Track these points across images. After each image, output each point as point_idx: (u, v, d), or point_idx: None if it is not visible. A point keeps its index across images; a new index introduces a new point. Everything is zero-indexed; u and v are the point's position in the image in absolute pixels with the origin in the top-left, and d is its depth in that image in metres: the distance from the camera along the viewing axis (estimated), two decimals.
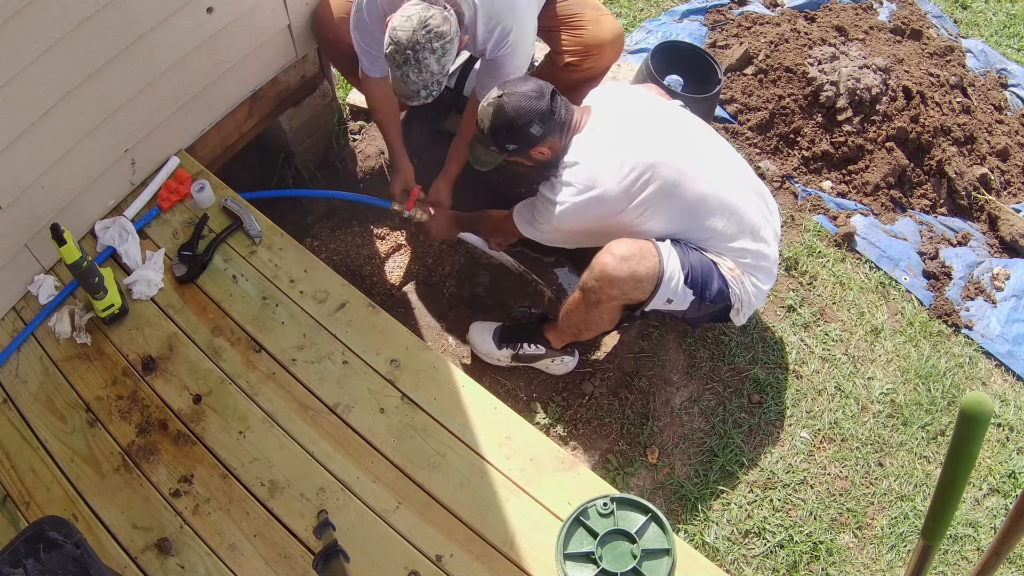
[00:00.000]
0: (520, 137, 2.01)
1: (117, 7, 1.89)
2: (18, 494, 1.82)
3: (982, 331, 2.58)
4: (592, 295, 2.04)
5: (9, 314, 2.09)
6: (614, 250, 1.99)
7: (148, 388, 1.97)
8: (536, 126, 1.99)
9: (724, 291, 2.07)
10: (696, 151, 2.09)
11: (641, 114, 2.14)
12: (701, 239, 2.08)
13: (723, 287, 2.06)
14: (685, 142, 2.10)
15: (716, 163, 2.11)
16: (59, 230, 1.84)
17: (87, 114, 2.00)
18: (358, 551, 1.71)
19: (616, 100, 2.18)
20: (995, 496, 2.24)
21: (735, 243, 2.08)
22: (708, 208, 2.03)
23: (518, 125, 1.98)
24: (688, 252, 2.05)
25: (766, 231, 2.13)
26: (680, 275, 2.00)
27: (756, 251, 2.09)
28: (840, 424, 2.33)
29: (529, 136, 2.00)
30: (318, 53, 2.61)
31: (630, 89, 2.31)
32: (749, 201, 2.11)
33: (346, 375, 1.98)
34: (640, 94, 2.25)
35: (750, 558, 2.10)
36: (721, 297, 2.07)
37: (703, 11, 3.47)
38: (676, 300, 2.03)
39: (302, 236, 2.68)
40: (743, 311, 2.15)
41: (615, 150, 2.01)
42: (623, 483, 2.19)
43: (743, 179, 2.16)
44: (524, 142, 2.02)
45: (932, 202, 2.95)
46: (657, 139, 2.06)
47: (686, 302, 2.04)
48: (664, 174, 1.99)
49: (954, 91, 3.14)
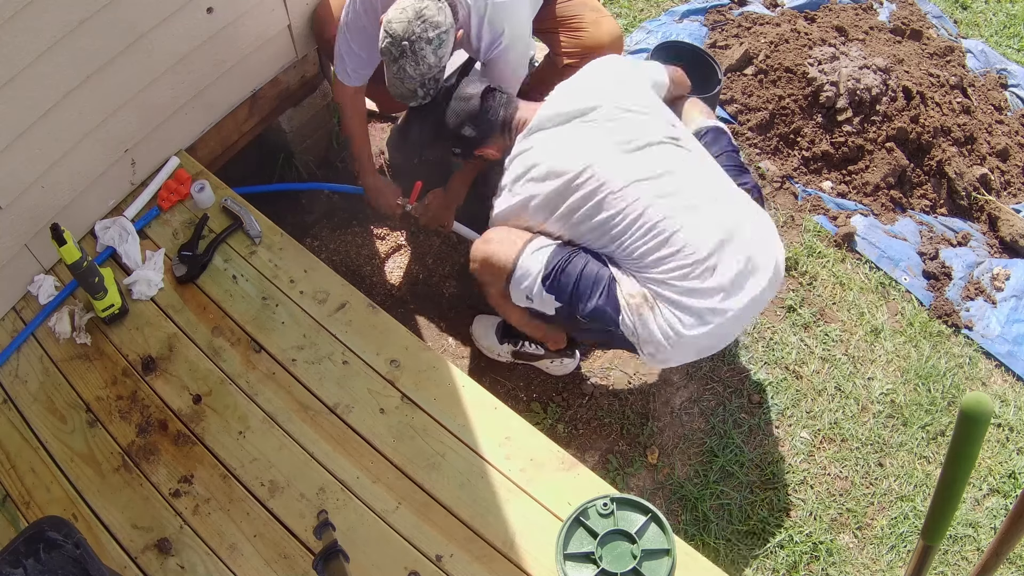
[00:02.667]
0: (458, 139, 2.05)
1: (117, 7, 1.89)
2: (18, 494, 1.82)
3: (982, 331, 2.58)
4: (475, 277, 2.07)
5: (9, 314, 2.09)
6: (486, 234, 2.03)
7: (148, 388, 1.97)
8: (468, 128, 2.03)
9: (608, 314, 1.88)
10: (643, 167, 1.88)
11: (592, 117, 1.94)
12: (611, 254, 1.92)
13: (607, 309, 1.87)
14: (627, 156, 1.89)
15: (678, 187, 1.88)
16: (59, 230, 1.84)
17: (87, 114, 2.00)
18: (358, 551, 1.71)
19: (574, 97, 1.99)
20: (995, 496, 2.24)
21: (655, 271, 1.86)
22: (626, 227, 1.86)
23: (450, 127, 2.04)
24: (576, 258, 1.90)
25: (723, 273, 1.86)
26: (538, 275, 1.90)
27: (689, 288, 1.84)
28: (840, 424, 2.33)
29: (465, 139, 2.04)
30: (318, 53, 2.61)
31: (608, 82, 2.04)
32: (704, 236, 1.85)
33: (346, 375, 1.98)
34: (614, 93, 2.00)
35: (750, 558, 2.10)
36: (601, 317, 1.88)
37: (703, 11, 3.47)
38: (536, 301, 1.95)
39: (302, 236, 2.68)
40: (645, 349, 1.91)
41: (541, 156, 1.93)
42: (623, 483, 2.19)
43: (714, 214, 1.89)
44: (464, 144, 2.07)
45: (932, 202, 2.95)
46: (590, 148, 1.90)
47: (549, 307, 1.94)
48: (587, 189, 1.87)
49: (954, 91, 3.14)
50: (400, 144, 2.80)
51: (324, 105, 2.75)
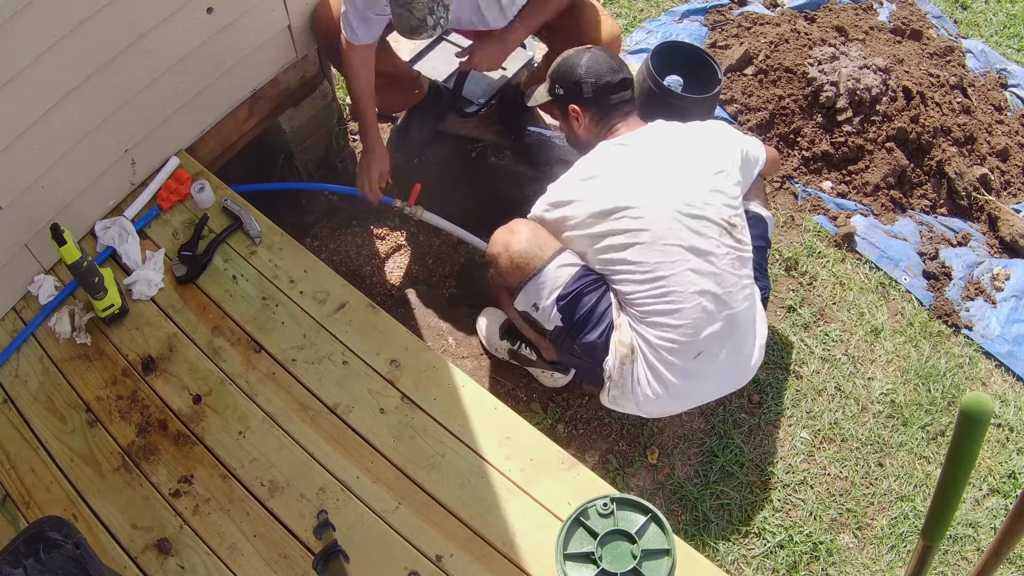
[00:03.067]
0: (570, 88, 2.09)
1: (117, 7, 1.89)
2: (18, 494, 1.81)
3: (982, 331, 2.58)
4: (491, 259, 2.03)
5: (9, 314, 2.09)
6: (514, 224, 2.01)
7: (148, 388, 1.97)
8: (588, 89, 2.06)
9: (599, 352, 1.92)
10: (688, 235, 1.88)
11: (676, 164, 1.97)
12: (618, 291, 1.94)
13: (601, 348, 1.92)
14: (681, 217, 1.89)
15: (708, 270, 1.89)
16: (59, 230, 1.84)
17: (87, 114, 2.00)
18: (358, 551, 1.71)
19: (661, 137, 2.04)
20: (995, 496, 2.24)
21: (651, 331, 1.89)
22: (646, 280, 1.88)
23: (577, 75, 2.07)
24: (595, 290, 1.92)
25: (704, 364, 1.91)
26: (556, 288, 1.90)
27: (672, 361, 1.89)
28: (840, 424, 2.33)
29: (576, 92, 2.08)
30: (318, 53, 2.61)
31: (696, 133, 2.07)
32: (706, 324, 1.88)
33: (346, 375, 1.98)
34: (701, 145, 2.03)
35: (750, 558, 2.10)
36: (593, 352, 1.93)
37: (703, 11, 3.47)
38: (542, 315, 1.95)
39: (302, 236, 2.68)
40: (612, 391, 1.96)
41: (610, 172, 1.97)
42: (623, 483, 2.19)
43: (726, 308, 1.91)
44: (570, 95, 2.10)
45: (932, 202, 2.95)
46: (653, 191, 1.91)
47: (551, 323, 1.95)
48: (628, 226, 1.88)
49: (954, 91, 3.14)
50: (400, 144, 2.80)
51: (324, 105, 2.75)
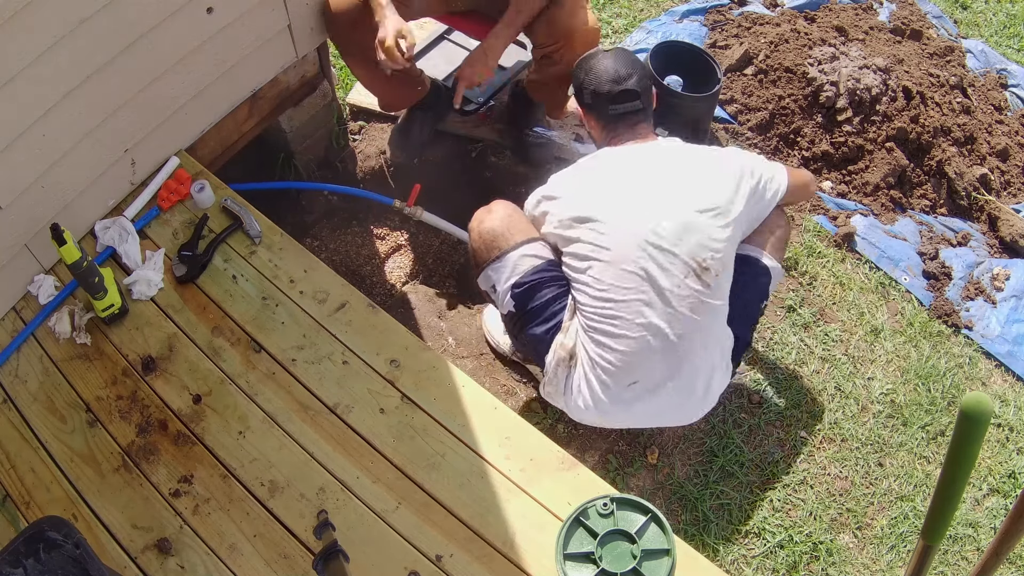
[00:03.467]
0: (577, 90, 2.14)
1: (117, 7, 1.89)
2: (18, 494, 1.81)
3: (982, 331, 2.58)
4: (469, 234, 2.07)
5: (9, 314, 2.09)
6: (495, 204, 2.05)
7: (148, 388, 1.97)
8: (588, 96, 2.07)
9: (542, 347, 1.94)
10: (649, 266, 1.84)
11: (661, 191, 1.92)
12: (578, 303, 1.92)
13: (544, 344, 1.94)
14: (646, 247, 1.85)
15: (660, 307, 1.85)
16: (59, 230, 1.84)
17: (87, 114, 2.00)
18: (358, 551, 1.71)
19: (661, 157, 2.00)
20: (995, 496, 2.24)
21: (591, 346, 1.88)
22: (596, 296, 1.87)
23: (580, 79, 2.11)
24: (551, 286, 1.93)
25: (638, 398, 1.89)
26: (514, 276, 1.93)
27: (606, 381, 1.88)
28: (840, 424, 2.33)
29: (580, 96, 2.12)
30: (318, 53, 2.61)
31: (698, 156, 2.02)
32: (645, 361, 1.85)
33: (346, 375, 1.98)
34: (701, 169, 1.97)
35: (750, 558, 2.10)
36: (536, 346, 1.96)
37: (703, 11, 3.47)
38: (499, 298, 1.98)
39: (302, 236, 2.68)
40: (547, 387, 1.99)
41: (598, 180, 1.96)
42: (623, 483, 2.19)
43: (674, 354, 1.87)
44: (577, 97, 2.14)
45: (932, 202, 2.95)
46: (629, 213, 1.88)
47: (504, 308, 1.98)
48: (593, 240, 1.87)
49: (954, 91, 3.14)
50: (400, 143, 2.80)
51: (324, 105, 2.75)
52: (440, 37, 3.09)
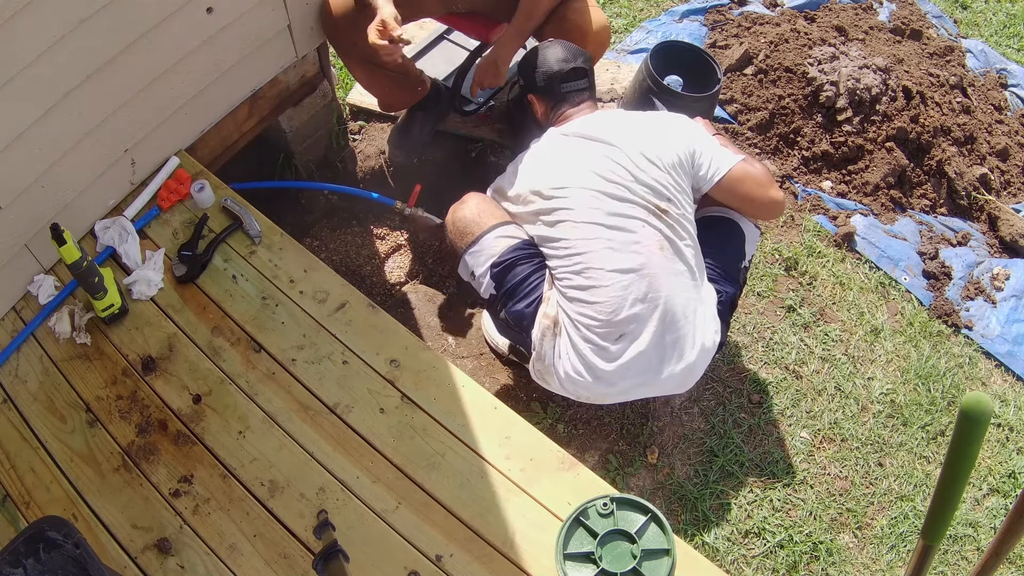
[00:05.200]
0: (527, 79, 2.24)
1: (117, 7, 1.88)
2: (18, 494, 1.81)
3: (982, 331, 2.58)
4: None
5: (9, 314, 2.09)
6: (467, 196, 2.14)
7: (148, 388, 1.97)
8: (541, 78, 2.19)
9: (526, 322, 1.97)
10: (610, 216, 1.92)
11: (607, 152, 2.00)
12: (551, 270, 1.98)
13: (528, 319, 1.97)
14: (605, 199, 1.94)
15: (631, 249, 1.90)
16: (59, 230, 1.84)
17: (87, 114, 2.00)
18: (358, 551, 1.71)
19: (605, 122, 2.08)
20: (995, 496, 2.24)
21: (571, 307, 1.93)
22: (566, 256, 1.94)
23: (531, 66, 2.22)
24: (527, 262, 1.99)
25: (631, 347, 1.90)
26: (492, 257, 2.00)
27: (590, 338, 1.90)
28: (840, 424, 2.33)
29: (531, 82, 2.22)
30: (318, 53, 2.61)
31: (638, 120, 2.11)
32: (627, 303, 1.88)
33: (346, 375, 1.98)
34: (638, 131, 2.05)
35: (750, 558, 2.10)
36: (520, 322, 1.99)
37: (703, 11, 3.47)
38: (479, 284, 2.05)
39: (302, 236, 2.68)
40: (536, 365, 2.00)
41: (548, 156, 2.08)
42: (623, 483, 2.19)
43: (653, 286, 1.90)
44: (527, 86, 2.24)
45: (932, 202, 2.95)
46: (581, 174, 1.97)
47: (485, 292, 2.05)
48: (557, 204, 1.97)
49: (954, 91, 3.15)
50: (400, 143, 2.80)
51: (324, 105, 2.75)
52: (440, 37, 3.09)
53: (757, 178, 2.05)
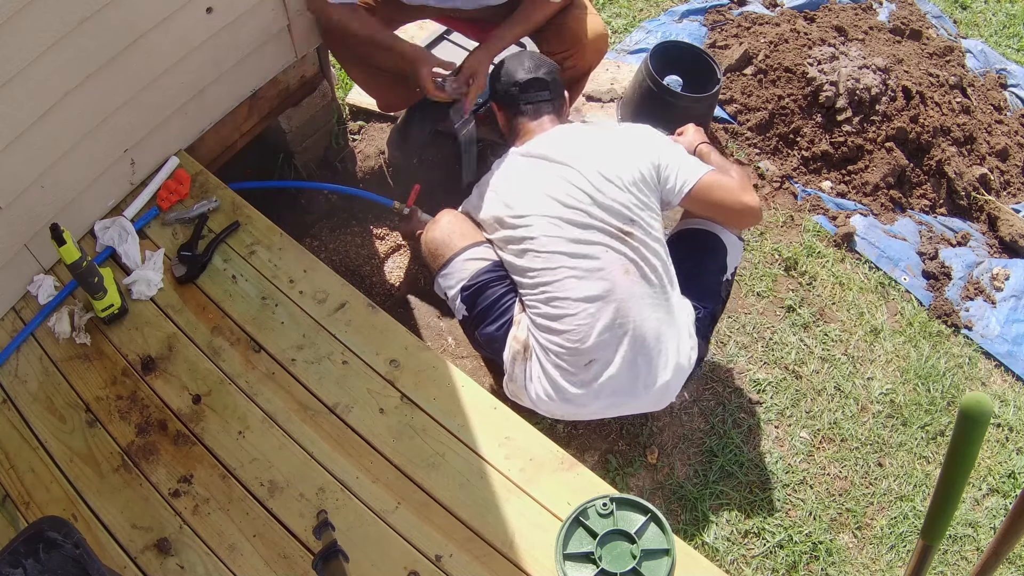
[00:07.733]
0: (492, 88, 2.23)
1: (117, 7, 1.88)
2: (18, 494, 1.81)
3: (982, 331, 2.58)
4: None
5: (9, 314, 2.09)
6: (440, 216, 2.13)
7: (148, 388, 1.97)
8: (501, 88, 2.18)
9: (497, 345, 1.99)
10: (574, 244, 1.91)
11: (565, 175, 1.97)
12: (522, 296, 1.99)
13: (500, 341, 1.99)
14: (567, 226, 1.92)
15: (598, 275, 1.89)
16: (59, 230, 1.84)
17: (87, 114, 2.00)
18: (358, 551, 1.71)
19: (563, 141, 2.06)
20: (995, 496, 2.25)
21: (541, 333, 1.93)
22: (534, 285, 1.94)
23: (495, 76, 2.21)
24: (498, 285, 2.00)
25: (601, 372, 1.89)
26: (462, 280, 2.01)
27: (561, 366, 1.91)
28: (840, 424, 2.34)
29: (495, 92, 2.22)
30: (317, 53, 2.61)
31: (591, 134, 2.10)
32: (594, 330, 1.87)
33: (346, 375, 1.98)
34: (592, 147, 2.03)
35: (750, 558, 2.10)
36: (492, 345, 2.01)
37: (703, 11, 3.47)
38: (451, 304, 2.07)
39: (302, 236, 2.68)
40: (509, 386, 2.02)
41: (510, 178, 2.06)
42: (623, 483, 2.19)
43: (620, 311, 1.88)
44: (492, 95, 2.24)
45: (932, 202, 2.95)
46: (542, 200, 1.95)
47: (458, 313, 2.06)
48: (521, 233, 1.96)
49: (954, 91, 3.15)
50: (400, 144, 2.80)
51: (324, 105, 2.75)
52: (440, 37, 3.09)
53: (727, 186, 1.99)
